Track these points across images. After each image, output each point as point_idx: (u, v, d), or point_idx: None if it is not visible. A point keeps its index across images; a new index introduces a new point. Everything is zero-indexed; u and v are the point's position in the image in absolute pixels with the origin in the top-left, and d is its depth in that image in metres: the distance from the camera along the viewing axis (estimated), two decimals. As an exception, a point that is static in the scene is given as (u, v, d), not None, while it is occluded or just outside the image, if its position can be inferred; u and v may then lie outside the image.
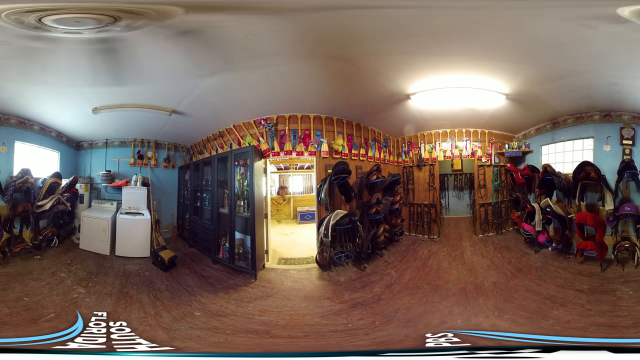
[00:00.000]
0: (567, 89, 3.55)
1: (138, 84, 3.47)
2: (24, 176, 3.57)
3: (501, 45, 3.09)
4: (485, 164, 4.37)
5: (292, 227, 5.07)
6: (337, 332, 3.14)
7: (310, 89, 3.71)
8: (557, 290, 3.44)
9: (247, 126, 4.06)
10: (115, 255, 3.86)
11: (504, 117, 4.04)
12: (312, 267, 3.91)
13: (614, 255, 3.55)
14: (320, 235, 3.91)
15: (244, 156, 4.03)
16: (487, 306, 3.32)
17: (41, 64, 3.11)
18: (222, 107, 3.94)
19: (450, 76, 3.54)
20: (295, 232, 4.90)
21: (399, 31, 2.93)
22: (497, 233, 4.36)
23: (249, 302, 3.49)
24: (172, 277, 3.72)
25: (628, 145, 3.51)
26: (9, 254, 3.52)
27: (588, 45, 2.93)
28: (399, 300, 3.49)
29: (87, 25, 2.65)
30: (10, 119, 3.59)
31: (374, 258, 4.08)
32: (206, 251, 4.15)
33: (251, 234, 3.93)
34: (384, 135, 4.47)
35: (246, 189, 4.00)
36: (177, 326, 3.13)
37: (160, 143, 4.19)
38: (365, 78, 3.52)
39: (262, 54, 3.16)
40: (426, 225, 4.43)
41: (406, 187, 4.52)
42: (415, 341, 2.97)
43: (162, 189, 4.25)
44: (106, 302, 3.28)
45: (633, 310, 3.12)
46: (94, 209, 4.08)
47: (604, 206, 3.58)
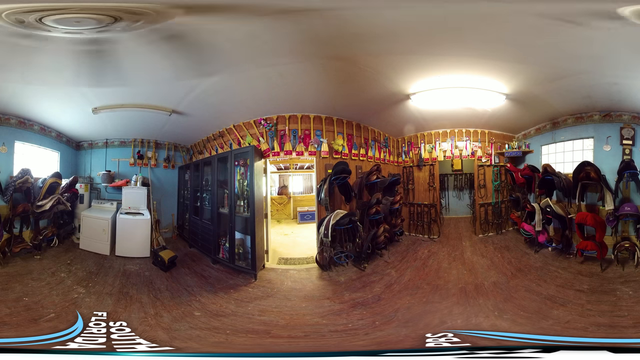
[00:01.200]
0: (567, 89, 3.55)
1: (138, 84, 3.47)
2: (24, 176, 3.57)
3: (501, 45, 3.09)
4: (485, 164, 4.37)
5: (292, 227, 5.07)
6: (337, 332, 3.14)
7: (310, 89, 3.71)
8: (557, 290, 3.44)
9: (247, 126, 4.06)
10: (115, 255, 3.86)
11: (503, 117, 4.04)
12: (312, 267, 3.91)
13: (614, 255, 3.55)
14: (320, 235, 3.91)
15: (244, 156, 4.03)
16: (487, 306, 3.32)
17: (41, 64, 3.11)
18: (222, 107, 3.94)
19: (450, 76, 3.54)
20: (295, 232, 4.90)
21: (399, 31, 2.94)
22: (497, 233, 4.36)
23: (249, 302, 3.49)
24: (172, 277, 3.72)
25: (628, 145, 3.51)
26: (9, 254, 3.52)
27: (588, 45, 2.93)
28: (399, 300, 3.49)
29: (88, 25, 2.65)
30: (10, 119, 3.59)
31: (374, 258, 4.08)
32: (206, 251, 4.15)
33: (251, 234, 3.93)
34: (384, 135, 4.47)
35: (246, 189, 4.00)
36: (177, 326, 3.13)
37: (160, 143, 4.19)
38: (365, 78, 3.52)
39: (262, 54, 3.16)
40: (426, 225, 4.43)
41: (406, 187, 4.52)
42: (415, 341, 2.97)
43: (162, 189, 4.25)
44: (106, 302, 3.28)
45: (633, 310, 3.12)
46: (94, 209, 4.08)
47: (604, 206, 3.58)
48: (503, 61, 3.31)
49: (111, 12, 2.55)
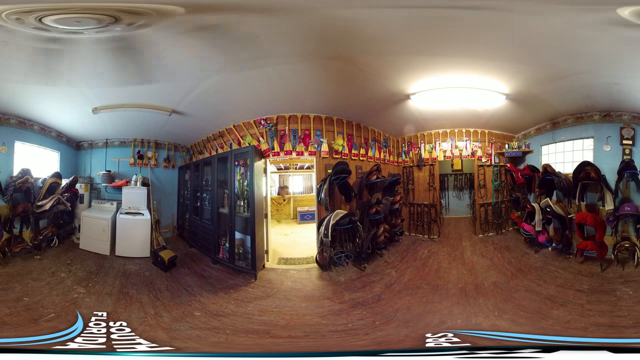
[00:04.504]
0: (567, 89, 3.55)
1: (138, 84, 3.47)
2: (24, 176, 3.57)
3: (501, 45, 3.09)
4: (485, 164, 4.37)
5: (292, 227, 5.07)
6: (337, 332, 3.14)
7: (310, 89, 3.71)
8: (557, 290, 3.44)
9: (247, 126, 4.06)
10: (115, 255, 3.86)
11: (503, 117, 4.04)
12: (312, 267, 3.91)
13: (614, 255, 3.55)
14: (320, 235, 3.91)
15: (244, 156, 4.03)
16: (487, 306, 3.32)
17: (41, 64, 3.11)
18: (222, 107, 3.94)
19: (450, 76, 3.54)
20: (295, 232, 4.90)
21: (399, 31, 2.94)
22: (497, 233, 4.37)
23: (249, 302, 3.49)
24: (172, 277, 3.72)
25: (628, 145, 3.51)
26: (9, 254, 3.52)
27: (588, 45, 2.93)
28: (399, 300, 3.49)
29: (88, 25, 2.65)
30: (10, 119, 3.59)
31: (374, 258, 4.08)
32: (206, 251, 4.15)
33: (251, 234, 3.93)
34: (384, 135, 4.47)
35: (246, 189, 4.00)
36: (177, 326, 3.13)
37: (160, 143, 4.19)
38: (365, 78, 3.52)
39: (262, 54, 3.16)
40: (426, 225, 4.44)
41: (406, 187, 4.52)
42: (415, 341, 2.97)
43: (162, 189, 4.25)
44: (106, 302, 3.28)
45: (633, 310, 3.12)
46: (94, 209, 4.08)
47: (604, 206, 3.58)
48: (503, 61, 3.31)
49: (111, 12, 2.55)
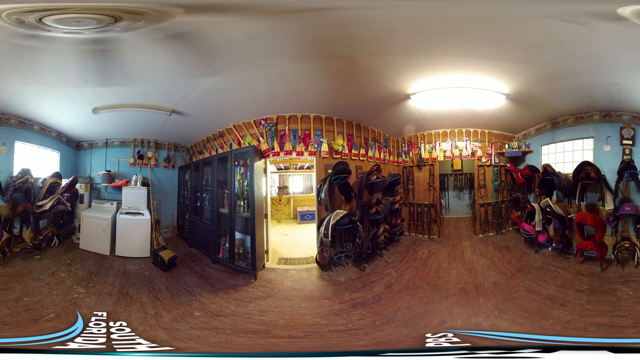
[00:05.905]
0: (567, 89, 3.55)
1: (138, 84, 3.47)
2: (24, 176, 3.57)
3: (501, 45, 3.09)
4: (485, 164, 4.37)
5: (292, 227, 5.07)
6: (337, 332, 3.14)
7: (310, 89, 3.71)
8: (557, 290, 3.44)
9: (247, 126, 4.06)
10: (115, 255, 3.85)
11: (503, 117, 4.04)
12: (312, 267, 3.91)
13: (614, 255, 3.55)
14: (320, 235, 3.91)
15: (244, 156, 4.03)
16: (487, 306, 3.32)
17: (41, 64, 3.11)
18: (222, 107, 3.94)
19: (450, 76, 3.54)
20: (295, 232, 4.90)
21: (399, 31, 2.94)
22: (497, 233, 4.36)
23: (249, 302, 3.49)
24: (172, 277, 3.72)
25: (628, 145, 3.51)
26: (9, 254, 3.52)
27: (588, 45, 2.93)
28: (399, 300, 3.49)
29: (88, 25, 2.65)
30: (10, 119, 3.59)
31: (374, 258, 4.07)
32: (206, 251, 4.15)
33: (251, 234, 3.93)
34: (384, 135, 4.47)
35: (246, 189, 4.00)
36: (177, 326, 3.13)
37: (160, 143, 4.19)
38: (365, 78, 3.52)
39: (262, 54, 3.16)
40: (426, 225, 4.43)
41: (406, 187, 4.52)
42: (415, 341, 2.97)
43: (162, 189, 4.25)
44: (106, 302, 3.28)
45: (633, 310, 3.12)
46: (94, 209, 4.08)
47: (604, 206, 3.58)
48: (503, 61, 3.31)
49: (111, 12, 2.55)
